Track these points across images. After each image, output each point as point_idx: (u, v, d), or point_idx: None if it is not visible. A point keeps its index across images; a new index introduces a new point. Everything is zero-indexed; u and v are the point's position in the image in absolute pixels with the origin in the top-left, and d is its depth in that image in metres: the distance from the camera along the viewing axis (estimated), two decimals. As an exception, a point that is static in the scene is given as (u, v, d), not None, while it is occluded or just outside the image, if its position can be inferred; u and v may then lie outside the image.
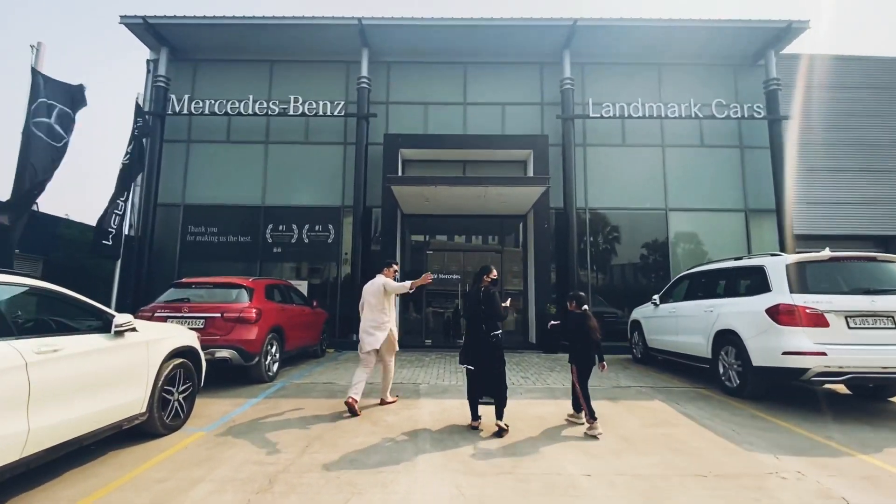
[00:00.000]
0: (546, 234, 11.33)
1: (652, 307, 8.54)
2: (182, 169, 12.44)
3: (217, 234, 12.18)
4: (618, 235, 12.19)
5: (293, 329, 7.68)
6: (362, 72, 12.01)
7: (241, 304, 6.56)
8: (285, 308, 7.58)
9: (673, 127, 12.40)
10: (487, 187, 9.47)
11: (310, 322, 8.60)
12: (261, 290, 7.03)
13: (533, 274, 11.25)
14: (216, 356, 6.15)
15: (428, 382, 6.89)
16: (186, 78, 12.73)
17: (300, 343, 8.11)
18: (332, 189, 12.32)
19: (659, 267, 12.08)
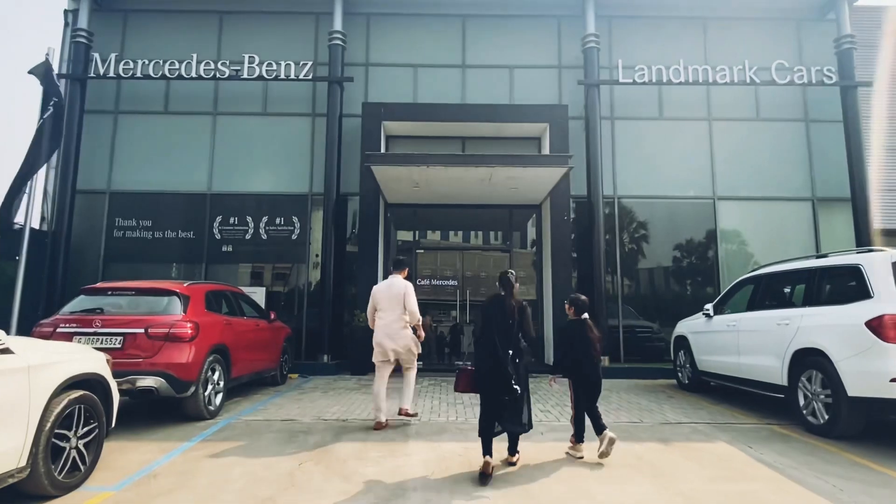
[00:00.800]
0: (566, 229, 10.80)
1: (703, 320, 8.02)
2: (108, 147, 11.80)
3: (152, 229, 11.54)
4: (653, 231, 11.69)
5: (243, 349, 7.07)
6: (335, 25, 11.45)
7: (171, 316, 5.94)
8: (233, 322, 6.97)
9: (722, 96, 11.94)
10: (494, 168, 8.92)
11: (266, 340, 7.99)
12: (199, 299, 6.42)
13: (550, 279, 10.72)
14: (138, 385, 5.53)
15: (419, 418, 6.30)
16: (114, 33, 12.10)
17: (253, 367, 7.50)
18: (297, 172, 11.73)
19: (705, 269, 11.60)
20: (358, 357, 10.04)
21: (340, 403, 7.16)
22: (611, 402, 7.39)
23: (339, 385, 8.77)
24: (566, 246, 10.77)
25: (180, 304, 6.11)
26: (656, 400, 7.67)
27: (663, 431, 5.87)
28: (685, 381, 8.59)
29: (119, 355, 5.57)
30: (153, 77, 11.25)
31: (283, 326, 8.98)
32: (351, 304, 11.07)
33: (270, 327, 8.25)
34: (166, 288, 6.24)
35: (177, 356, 5.75)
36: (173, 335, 5.79)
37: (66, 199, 11.05)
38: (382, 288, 6.23)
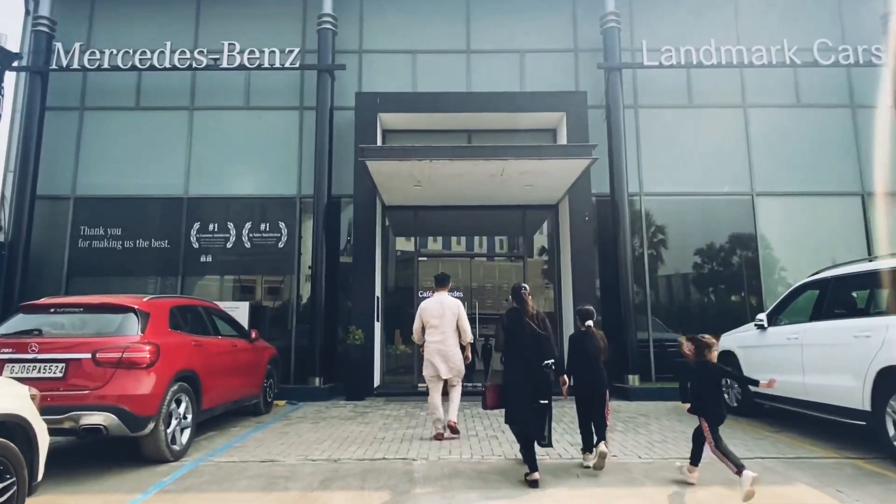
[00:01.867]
0: (587, 232, 10.05)
1: (755, 332, 7.22)
2: (72, 148, 11.09)
3: (121, 238, 10.79)
4: (684, 232, 10.93)
5: (217, 375, 6.29)
6: (325, 8, 10.78)
7: (126, 337, 5.16)
8: (204, 343, 6.19)
9: (758, 80, 11.22)
10: (507, 161, 8.18)
11: (246, 363, 7.21)
12: (162, 316, 5.65)
13: (570, 288, 9.93)
14: (82, 424, 4.75)
15: (426, 457, 5.49)
16: (80, 21, 11.44)
17: (229, 395, 6.71)
18: (284, 172, 11.01)
19: (744, 274, 10.81)
20: (353, 380, 9.26)
21: (333, 438, 6.35)
22: (652, 432, 6.58)
23: (332, 413, 7.97)
24: (588, 251, 10.01)
25: (138, 322, 5.34)
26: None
27: (726, 470, 5.05)
28: (733, 404, 7.76)
29: (61, 386, 4.85)
30: (122, 68, 10.58)
31: (267, 347, 8.20)
32: (345, 319, 10.29)
33: (252, 348, 7.47)
34: (121, 304, 5.47)
35: (131, 386, 4.96)
36: (127, 360, 5.00)
37: (24, 205, 10.34)
38: (432, 305, 6.41)
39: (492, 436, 6.37)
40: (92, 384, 4.88)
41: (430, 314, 6.36)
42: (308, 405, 8.82)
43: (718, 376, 4.82)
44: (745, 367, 7.37)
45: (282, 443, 6.11)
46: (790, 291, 7.08)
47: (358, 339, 9.34)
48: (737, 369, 7.61)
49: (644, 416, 7.69)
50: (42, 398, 4.36)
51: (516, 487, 4.50)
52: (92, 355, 4.93)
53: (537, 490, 4.39)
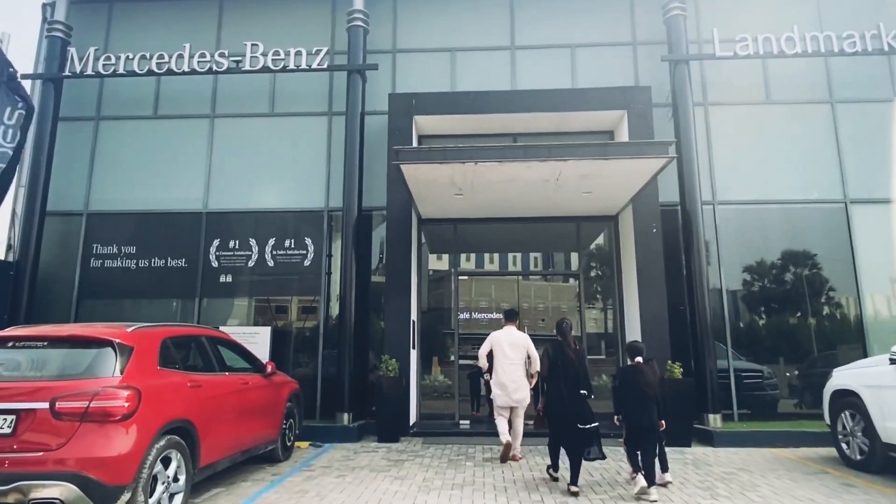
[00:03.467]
0: (655, 246, 8.63)
1: (892, 368, 5.67)
2: (86, 160, 10.24)
3: (136, 257, 9.81)
4: (766, 245, 9.38)
5: (220, 422, 5.08)
6: (355, 4, 9.72)
7: (97, 380, 3.99)
8: (205, 383, 4.97)
9: (846, 73, 9.70)
10: (566, 162, 6.87)
11: (259, 404, 5.97)
12: (149, 351, 4.46)
13: (637, 310, 8.50)
14: (31, 498, 3.57)
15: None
16: (97, 27, 10.69)
17: (238, 445, 5.47)
18: (311, 184, 9.91)
19: (839, 293, 9.20)
20: (386, 418, 7.98)
21: (364, 499, 5.03)
22: (762, 496, 5.06)
23: (362, 461, 6.65)
24: (656, 267, 8.56)
25: (116, 359, 4.15)
26: (833, 492, 5.30)
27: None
28: (855, 457, 6.18)
29: (9, 445, 3.68)
30: (139, 73, 9.69)
31: (287, 381, 6.97)
32: (377, 345, 9.04)
33: (267, 384, 6.24)
34: (95, 335, 4.27)
35: (100, 447, 3.76)
36: (96, 412, 3.81)
37: (33, 222, 9.46)
38: (503, 337, 6.79)
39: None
40: (49, 443, 3.70)
41: (501, 346, 6.72)
42: (334, 448, 7.55)
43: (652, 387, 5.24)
44: (878, 414, 5.80)
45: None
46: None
47: (392, 371, 8.06)
48: (861, 416, 6.08)
49: (745, 470, 6.16)
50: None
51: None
52: (50, 405, 3.75)
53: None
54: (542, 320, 10.42)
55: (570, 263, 10.40)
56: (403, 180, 7.86)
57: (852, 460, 6.23)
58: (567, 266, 10.42)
